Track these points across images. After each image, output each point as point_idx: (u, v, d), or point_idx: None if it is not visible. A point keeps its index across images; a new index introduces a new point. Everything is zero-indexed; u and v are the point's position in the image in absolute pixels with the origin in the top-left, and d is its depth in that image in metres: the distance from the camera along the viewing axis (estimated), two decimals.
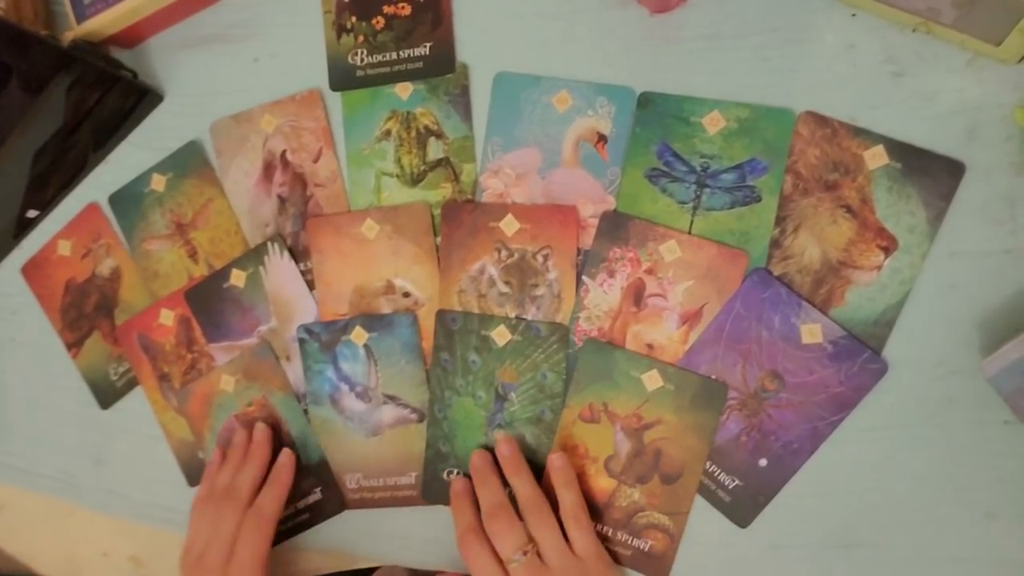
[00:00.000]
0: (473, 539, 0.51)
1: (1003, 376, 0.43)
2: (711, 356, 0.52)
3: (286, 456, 0.59)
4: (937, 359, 0.48)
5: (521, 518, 0.51)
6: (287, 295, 0.61)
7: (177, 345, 0.64)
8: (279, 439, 0.61)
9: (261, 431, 0.60)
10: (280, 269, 0.61)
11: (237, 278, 0.62)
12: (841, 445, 0.50)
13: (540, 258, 0.55)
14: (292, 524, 0.61)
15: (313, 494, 0.60)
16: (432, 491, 0.58)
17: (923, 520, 0.48)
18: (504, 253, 0.56)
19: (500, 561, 0.50)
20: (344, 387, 0.59)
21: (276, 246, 0.61)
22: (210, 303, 0.63)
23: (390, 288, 0.59)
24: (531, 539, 0.50)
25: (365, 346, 0.59)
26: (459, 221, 0.57)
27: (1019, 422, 0.45)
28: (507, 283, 0.56)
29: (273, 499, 0.57)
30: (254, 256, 0.62)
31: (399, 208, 0.59)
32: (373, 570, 0.65)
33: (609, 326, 0.54)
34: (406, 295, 0.58)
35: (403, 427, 0.59)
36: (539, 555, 0.50)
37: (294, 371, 0.61)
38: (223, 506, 0.57)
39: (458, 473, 0.57)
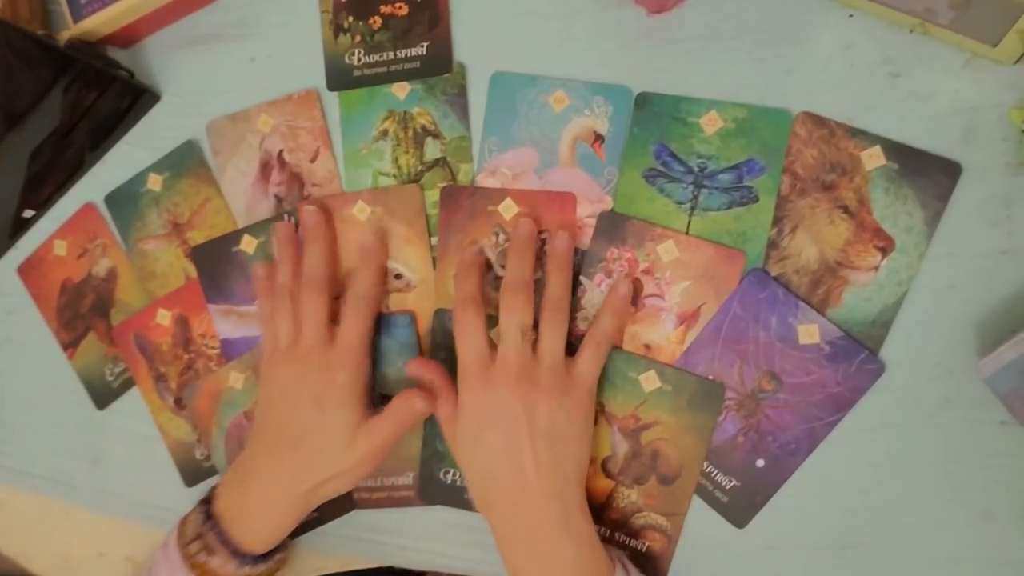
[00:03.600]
0: (472, 307, 0.51)
1: (1000, 377, 0.44)
2: (708, 356, 0.52)
3: (373, 235, 0.56)
4: (934, 360, 0.48)
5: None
6: None
7: (174, 345, 0.64)
8: None
9: (310, 213, 0.56)
10: None
11: (248, 244, 0.62)
12: (838, 446, 0.50)
13: (538, 243, 0.55)
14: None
15: None
16: (429, 491, 0.58)
17: (920, 520, 0.48)
18: (502, 237, 0.56)
19: (488, 338, 0.50)
20: None
21: (291, 220, 0.61)
22: (216, 264, 0.62)
23: None
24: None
25: None
26: (457, 205, 0.57)
27: (1016, 423, 0.45)
28: (504, 267, 0.55)
29: (369, 277, 0.55)
30: (267, 226, 0.61)
31: (390, 190, 0.59)
32: (371, 571, 0.65)
33: None
34: (398, 277, 0.58)
35: None
36: (534, 348, 0.50)
37: None
38: (305, 294, 0.54)
39: (455, 474, 0.57)
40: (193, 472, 0.64)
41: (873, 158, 0.49)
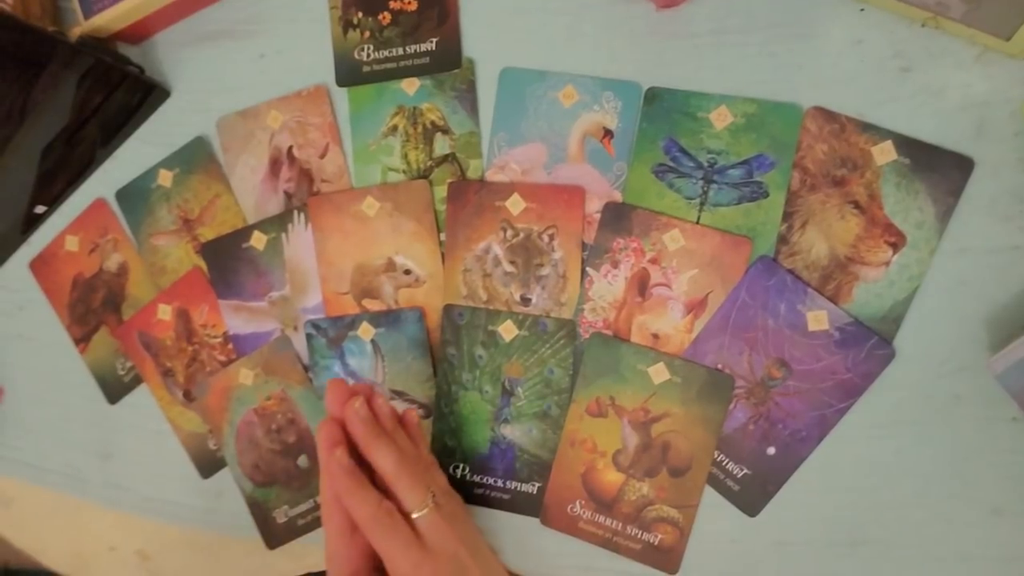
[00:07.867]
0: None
1: (1011, 373, 0.43)
2: (717, 345, 0.52)
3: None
4: (945, 356, 0.48)
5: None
6: (305, 266, 0.61)
7: (177, 339, 0.64)
8: (298, 432, 0.61)
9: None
10: (302, 240, 0.61)
11: (257, 240, 0.62)
12: (848, 442, 0.50)
13: (545, 238, 0.55)
14: (310, 519, 0.61)
15: None
16: None
17: (930, 517, 0.48)
18: (509, 232, 0.56)
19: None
20: (351, 382, 0.60)
21: (302, 216, 0.61)
22: (225, 259, 0.63)
23: (391, 266, 0.59)
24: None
25: (372, 341, 0.59)
26: (465, 200, 0.57)
27: None
28: (512, 263, 0.56)
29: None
30: (277, 222, 0.62)
31: (399, 186, 0.59)
32: None
33: (614, 317, 0.54)
34: (407, 272, 0.58)
35: None
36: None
37: (300, 341, 0.61)
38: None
39: (464, 469, 0.57)
40: (208, 464, 0.65)
41: (884, 153, 0.49)
